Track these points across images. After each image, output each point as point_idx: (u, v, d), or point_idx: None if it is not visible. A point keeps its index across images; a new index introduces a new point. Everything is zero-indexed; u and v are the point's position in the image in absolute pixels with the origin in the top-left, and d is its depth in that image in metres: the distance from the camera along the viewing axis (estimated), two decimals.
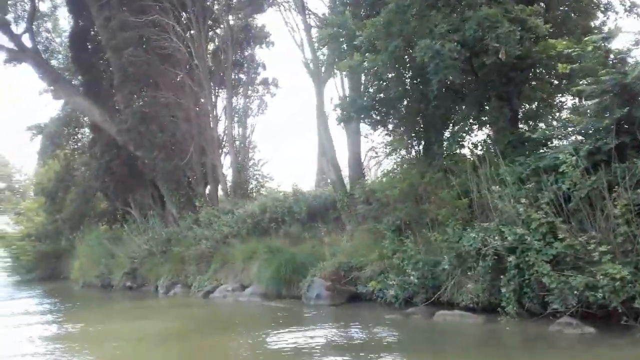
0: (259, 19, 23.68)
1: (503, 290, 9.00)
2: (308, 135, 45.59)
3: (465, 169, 11.86)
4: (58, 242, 30.95)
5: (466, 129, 12.19)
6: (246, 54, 23.72)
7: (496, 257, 9.23)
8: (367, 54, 11.87)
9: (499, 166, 10.74)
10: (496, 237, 9.25)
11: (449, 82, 11.56)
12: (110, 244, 22.47)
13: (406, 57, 11.50)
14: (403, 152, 14.42)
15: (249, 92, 23.09)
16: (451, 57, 10.23)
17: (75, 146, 32.64)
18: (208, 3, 22.93)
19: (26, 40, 24.40)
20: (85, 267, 24.65)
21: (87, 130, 32.31)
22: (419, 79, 12.00)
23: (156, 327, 11.87)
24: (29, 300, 20.44)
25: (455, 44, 10.40)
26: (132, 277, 20.50)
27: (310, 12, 17.88)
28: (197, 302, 15.67)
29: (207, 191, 23.35)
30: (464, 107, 12.72)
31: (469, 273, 9.63)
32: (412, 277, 10.30)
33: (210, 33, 23.45)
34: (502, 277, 9.07)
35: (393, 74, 11.79)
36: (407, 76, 12.02)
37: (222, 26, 23.48)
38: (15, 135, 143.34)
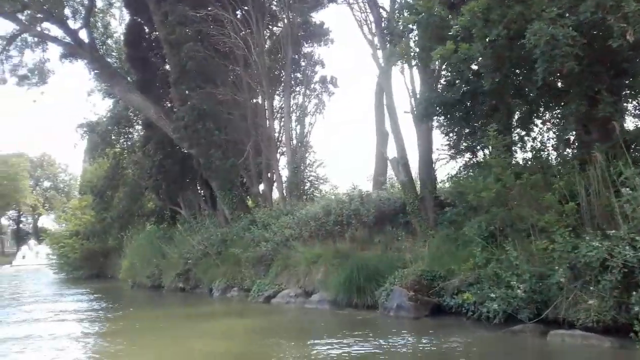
0: (319, 16, 22.80)
1: (636, 309, 7.71)
2: (362, 135, 44.43)
3: (567, 170, 10.66)
4: (105, 240, 30.67)
5: (571, 125, 10.89)
6: (304, 51, 22.84)
7: (625, 270, 7.95)
8: (460, 42, 10.72)
9: (609, 167, 9.51)
10: (626, 247, 7.97)
11: (553, 75, 10.33)
12: (161, 244, 21.81)
13: (507, 45, 10.31)
14: (485, 152, 13.22)
15: (307, 91, 22.13)
16: (567, 43, 9.02)
17: (125, 145, 32.34)
18: None
19: (82, 37, 24.18)
20: (135, 266, 24.09)
21: (137, 129, 32.12)
22: (519, 70, 10.82)
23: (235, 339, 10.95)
24: (80, 301, 19.85)
25: (570, 28, 9.20)
26: (185, 279, 19.76)
27: (380, 6, 16.84)
28: (259, 307, 14.72)
29: (260, 192, 22.51)
30: (562, 102, 11.42)
31: (590, 288, 8.33)
32: (518, 291, 9.06)
33: (268, 31, 22.71)
34: (633, 293, 7.78)
35: (489, 65, 10.60)
36: (506, 67, 10.82)
37: (280, 23, 22.70)
38: (60, 134, 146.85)
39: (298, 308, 13.79)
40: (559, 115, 11.64)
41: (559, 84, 11.59)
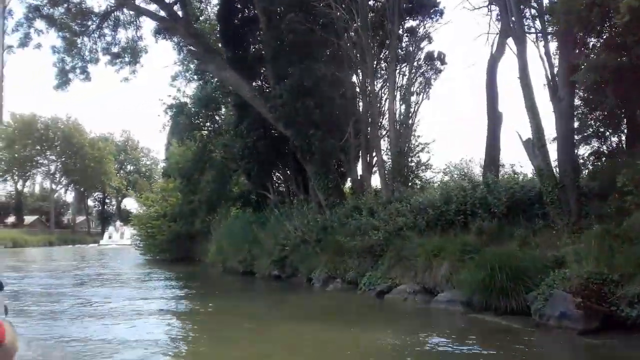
0: None
1: None
2: (470, 116, 41.65)
3: None
4: (192, 223, 30.07)
5: None
6: (410, 25, 20.84)
7: None
8: None
9: None
10: None
11: None
12: (255, 229, 20.64)
13: None
14: None
15: (412, 68, 20.11)
16: None
17: (212, 128, 31.67)
18: None
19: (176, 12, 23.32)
20: (224, 251, 23.15)
21: (224, 112, 31.32)
22: None
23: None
24: (174, 286, 18.93)
25: None
26: (281, 266, 18.43)
27: None
28: (373, 303, 13.04)
29: (358, 176, 20.85)
30: None
31: None
32: None
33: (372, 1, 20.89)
34: None
35: None
36: None
37: None
38: (142, 119, 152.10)
39: (421, 308, 11.95)
40: None
41: None
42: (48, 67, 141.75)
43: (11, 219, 77.46)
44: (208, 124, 31.43)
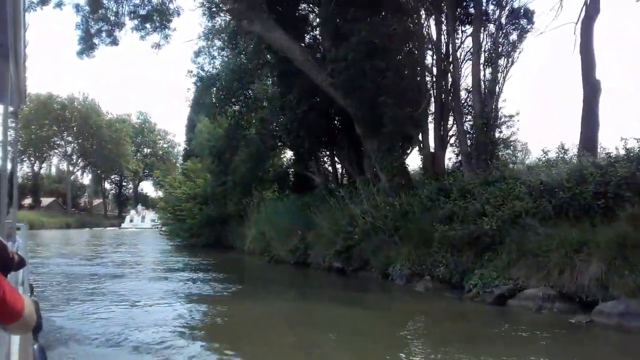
0: None
1: None
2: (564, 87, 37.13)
3: None
4: (224, 206, 27.06)
5: None
6: None
7: None
8: None
9: None
10: None
11: None
12: (311, 213, 17.59)
13: None
14: None
15: (500, 27, 16.78)
16: None
17: (246, 102, 28.43)
18: None
19: None
20: (268, 238, 20.16)
21: (256, 86, 28.09)
22: None
23: None
24: (220, 280, 15.88)
25: None
26: (346, 257, 15.35)
27: None
28: (494, 312, 9.90)
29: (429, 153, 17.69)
30: None
31: None
32: None
33: None
34: None
35: None
36: None
37: None
38: (159, 101, 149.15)
39: (578, 325, 8.77)
40: None
41: None
42: (64, 44, 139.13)
43: (28, 201, 75.03)
44: (241, 98, 28.21)
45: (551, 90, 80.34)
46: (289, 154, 29.79)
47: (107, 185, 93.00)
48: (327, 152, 22.57)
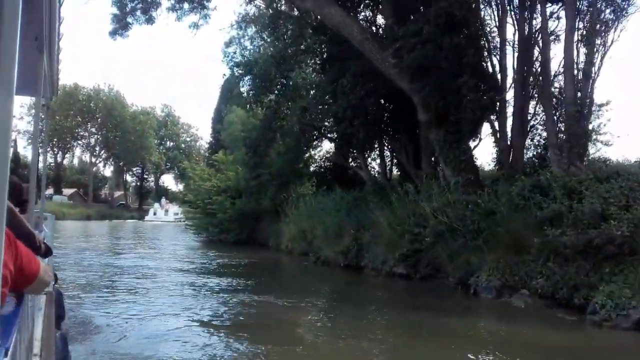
0: None
1: None
2: None
3: None
4: (258, 201, 25.01)
5: None
6: None
7: None
8: None
9: None
10: None
11: None
12: (369, 211, 15.43)
13: None
14: None
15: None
16: None
17: (284, 90, 26.37)
18: None
19: None
20: (311, 236, 18.08)
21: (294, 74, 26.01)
22: None
23: None
24: (268, 288, 13.82)
25: None
26: (413, 262, 13.17)
27: None
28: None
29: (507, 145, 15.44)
30: None
31: None
32: None
33: None
34: None
35: None
36: None
37: None
38: (183, 94, 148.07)
39: None
40: None
41: None
42: (91, 35, 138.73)
43: (49, 191, 73.86)
44: (278, 86, 26.15)
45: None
46: (325, 147, 27.79)
47: (128, 178, 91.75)
48: (378, 144, 20.33)
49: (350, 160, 22.76)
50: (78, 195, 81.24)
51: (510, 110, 15.25)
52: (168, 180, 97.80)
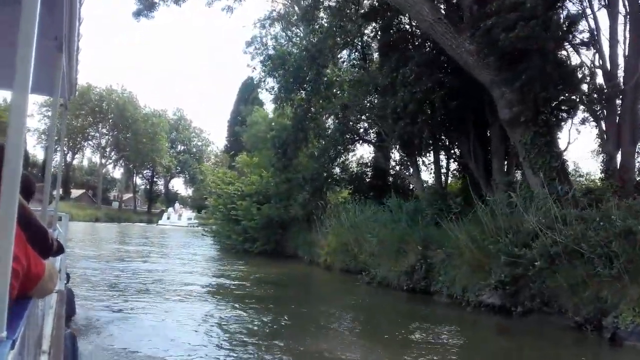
0: None
1: None
2: None
3: None
4: (287, 208, 22.11)
5: None
6: None
7: None
8: None
9: None
10: None
11: None
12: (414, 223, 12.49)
13: None
14: None
15: None
16: None
17: (317, 87, 23.53)
18: None
19: None
20: (356, 252, 15.18)
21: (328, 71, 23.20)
22: None
23: None
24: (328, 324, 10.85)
25: None
26: (512, 293, 10.18)
27: None
28: None
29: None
30: None
31: None
32: None
33: None
34: None
35: None
36: None
37: None
38: (194, 97, 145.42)
39: None
40: None
41: None
42: (105, 34, 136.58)
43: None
44: (310, 82, 23.31)
45: None
46: (359, 152, 24.91)
47: (137, 181, 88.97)
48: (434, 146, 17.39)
49: (395, 165, 19.89)
50: (87, 196, 78.52)
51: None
52: (178, 185, 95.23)
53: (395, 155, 21.44)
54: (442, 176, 17.85)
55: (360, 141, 22.30)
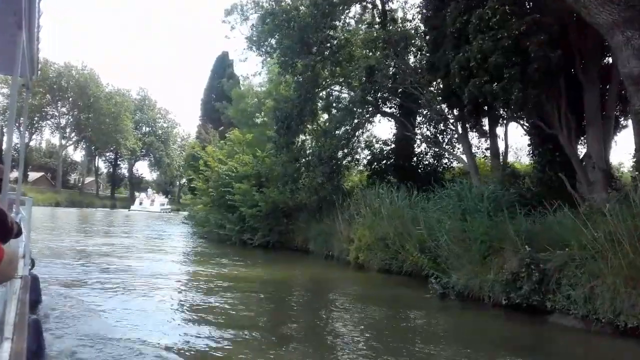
0: None
1: None
2: None
3: None
4: (295, 192, 18.01)
5: None
6: None
7: None
8: None
9: None
10: None
11: None
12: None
13: None
14: None
15: None
16: None
17: (325, 50, 19.32)
18: None
19: None
20: (403, 247, 11.37)
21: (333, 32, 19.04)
22: None
23: None
24: None
25: None
26: None
27: None
28: None
29: None
30: None
31: None
32: None
33: None
34: None
35: None
36: None
37: None
38: (161, 73, 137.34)
39: None
40: None
41: None
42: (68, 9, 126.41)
43: (14, 174, 64.04)
44: (318, 44, 19.07)
45: None
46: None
47: (100, 164, 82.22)
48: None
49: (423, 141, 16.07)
50: (45, 179, 71.70)
51: None
52: (142, 168, 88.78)
53: (423, 130, 17.68)
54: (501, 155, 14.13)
55: (379, 114, 18.34)
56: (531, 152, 12.35)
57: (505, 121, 13.58)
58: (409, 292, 10.76)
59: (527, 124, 12.32)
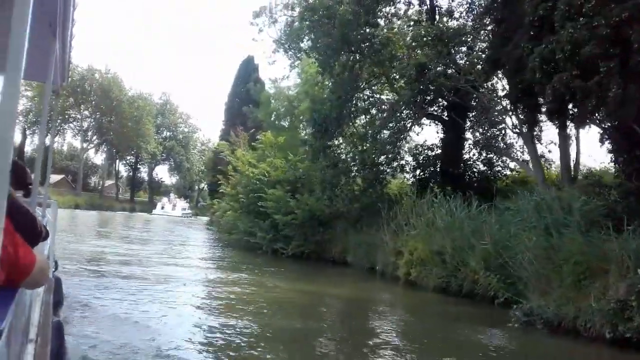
0: None
1: None
2: None
3: None
4: (333, 200, 16.57)
5: None
6: None
7: None
8: None
9: None
10: None
11: None
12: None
13: None
14: None
15: None
16: None
17: (365, 48, 17.94)
18: None
19: None
20: (464, 263, 9.93)
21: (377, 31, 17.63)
22: None
23: None
24: None
25: None
26: None
27: None
28: None
29: None
30: None
31: None
32: None
33: None
34: None
35: None
36: None
37: None
38: (184, 80, 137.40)
39: None
40: None
41: None
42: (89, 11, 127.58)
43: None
44: (363, 43, 17.65)
45: None
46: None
47: (120, 167, 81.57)
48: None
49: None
50: (66, 182, 71.16)
51: None
52: (162, 172, 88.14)
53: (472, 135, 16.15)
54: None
55: (424, 117, 16.87)
56: (614, 159, 10.81)
57: (577, 123, 12.01)
58: (482, 319, 9.20)
59: (608, 126, 10.75)
